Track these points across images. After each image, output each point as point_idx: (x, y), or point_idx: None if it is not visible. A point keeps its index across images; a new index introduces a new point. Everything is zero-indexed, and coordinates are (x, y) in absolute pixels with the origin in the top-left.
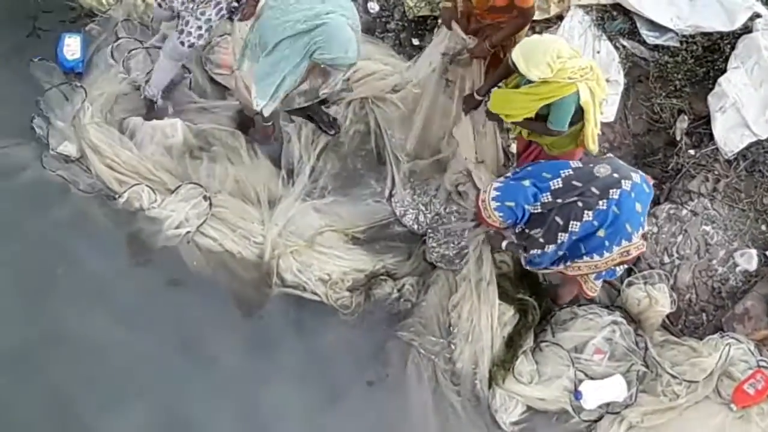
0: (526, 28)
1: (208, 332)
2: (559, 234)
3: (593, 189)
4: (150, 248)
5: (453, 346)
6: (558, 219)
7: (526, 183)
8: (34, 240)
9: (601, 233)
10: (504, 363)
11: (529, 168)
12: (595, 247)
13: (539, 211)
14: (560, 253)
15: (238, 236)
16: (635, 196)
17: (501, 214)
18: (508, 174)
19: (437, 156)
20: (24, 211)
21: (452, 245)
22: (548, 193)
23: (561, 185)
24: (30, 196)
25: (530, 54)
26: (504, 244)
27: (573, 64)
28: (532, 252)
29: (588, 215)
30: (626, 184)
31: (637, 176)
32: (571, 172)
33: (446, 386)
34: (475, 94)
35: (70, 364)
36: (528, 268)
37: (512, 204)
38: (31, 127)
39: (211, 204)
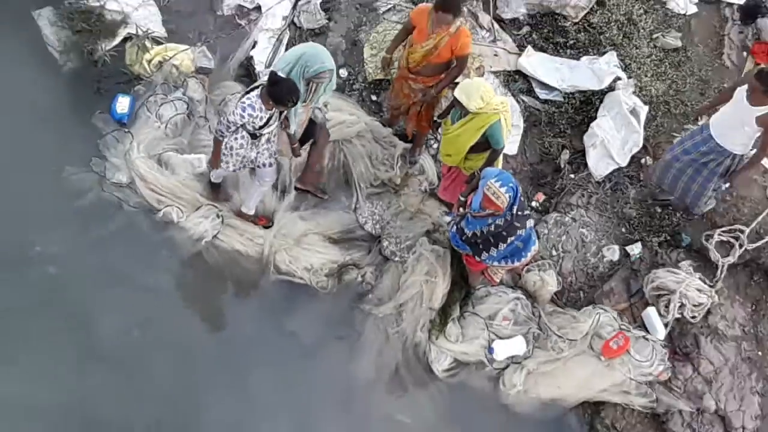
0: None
1: (225, 308)
2: (499, 244)
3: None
4: (180, 249)
5: (401, 315)
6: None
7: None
8: (96, 243)
9: (520, 245)
10: (437, 327)
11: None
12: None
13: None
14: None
15: (245, 239)
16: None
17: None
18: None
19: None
20: (90, 222)
21: (399, 244)
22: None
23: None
24: (94, 210)
25: (469, 92)
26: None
27: (496, 99)
28: (488, 252)
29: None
30: (530, 224)
31: (531, 222)
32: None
33: (395, 343)
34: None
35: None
36: (481, 260)
37: (510, 185)
38: (91, 164)
39: (222, 220)
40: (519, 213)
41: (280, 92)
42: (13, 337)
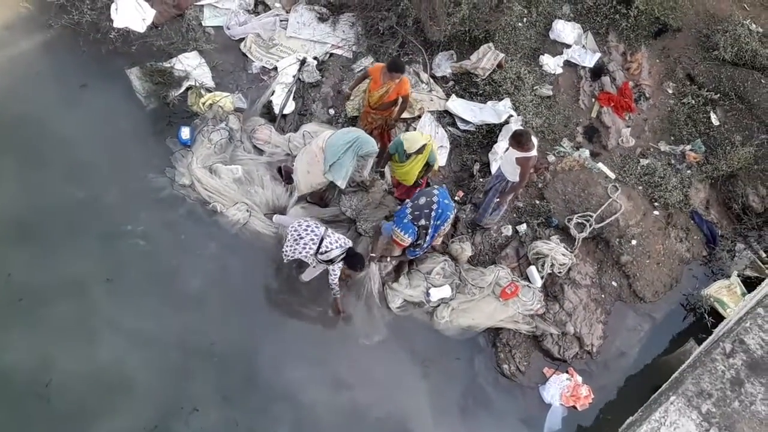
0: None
1: (254, 268)
2: (426, 235)
3: (425, 210)
4: (223, 229)
5: (369, 273)
6: (422, 230)
7: (405, 220)
8: (168, 224)
9: (438, 223)
10: (393, 279)
11: (400, 214)
12: (439, 227)
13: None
14: (427, 243)
15: (265, 225)
16: (442, 197)
17: (409, 237)
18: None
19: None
20: (164, 210)
21: (368, 224)
22: (411, 221)
23: (411, 216)
24: (167, 202)
25: (412, 140)
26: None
27: (426, 138)
28: (415, 250)
29: (431, 222)
30: (435, 198)
31: (436, 189)
32: (409, 210)
33: (365, 292)
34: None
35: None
36: (414, 256)
37: (409, 229)
38: (164, 172)
39: (250, 214)
40: (420, 224)
41: (355, 263)
42: (121, 292)
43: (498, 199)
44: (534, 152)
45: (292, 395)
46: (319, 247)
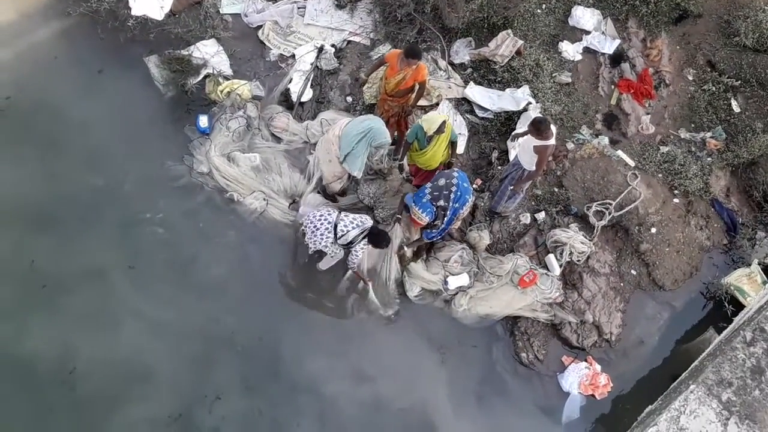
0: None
1: (271, 253)
2: (444, 216)
3: (444, 191)
4: (241, 217)
5: (388, 257)
6: (440, 211)
7: (424, 199)
8: (187, 212)
9: (457, 206)
10: (410, 264)
11: (419, 194)
12: (458, 210)
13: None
14: (446, 225)
15: (281, 213)
16: (461, 180)
17: (426, 216)
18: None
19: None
20: (182, 198)
21: (385, 212)
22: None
23: (431, 196)
24: (186, 190)
25: (431, 120)
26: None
27: (443, 116)
28: (432, 231)
29: (450, 204)
30: (454, 180)
31: (456, 172)
32: (429, 191)
33: (383, 276)
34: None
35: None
36: (432, 238)
37: (428, 209)
38: (183, 159)
39: (267, 202)
40: (439, 206)
41: (379, 241)
42: (141, 280)
43: (512, 187)
44: (552, 141)
45: (313, 385)
46: (336, 234)
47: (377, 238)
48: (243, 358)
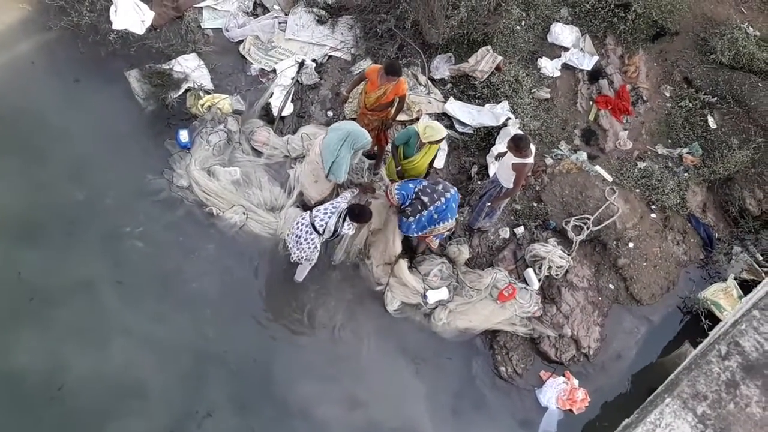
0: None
1: (251, 268)
2: (419, 213)
3: (434, 195)
4: (221, 232)
5: (370, 266)
6: (418, 205)
7: (410, 185)
8: (167, 225)
9: (436, 216)
10: (397, 264)
11: (411, 180)
12: (434, 222)
13: (412, 199)
14: (416, 225)
15: (262, 226)
16: (453, 200)
17: (397, 196)
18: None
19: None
20: (162, 212)
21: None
22: (416, 191)
23: (421, 188)
24: (166, 204)
25: (437, 129)
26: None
27: (445, 130)
28: (404, 220)
29: (431, 208)
30: (448, 195)
31: (453, 190)
32: (424, 185)
33: (365, 288)
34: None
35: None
36: (402, 231)
37: (403, 193)
38: (163, 173)
39: (247, 216)
40: (421, 200)
41: (361, 217)
42: (126, 292)
43: (490, 204)
44: (531, 159)
45: (302, 404)
46: (316, 230)
47: (358, 214)
48: (228, 372)
